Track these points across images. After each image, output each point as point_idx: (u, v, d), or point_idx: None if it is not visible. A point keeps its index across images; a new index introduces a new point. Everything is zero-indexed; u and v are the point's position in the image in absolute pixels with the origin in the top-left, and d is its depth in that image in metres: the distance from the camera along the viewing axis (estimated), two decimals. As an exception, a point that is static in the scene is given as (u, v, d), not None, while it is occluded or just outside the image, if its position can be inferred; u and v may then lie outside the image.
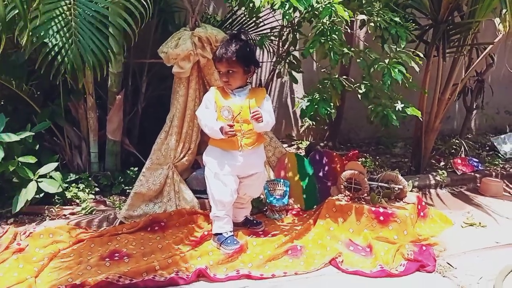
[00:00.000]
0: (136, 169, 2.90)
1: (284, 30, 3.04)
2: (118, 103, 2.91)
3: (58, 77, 2.46)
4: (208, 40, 2.69)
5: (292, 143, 4.04)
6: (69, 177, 2.74)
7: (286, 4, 2.23)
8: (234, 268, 2.08)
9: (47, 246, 2.22)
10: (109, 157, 2.99)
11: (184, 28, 2.77)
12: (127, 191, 2.78)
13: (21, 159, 2.46)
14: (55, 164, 2.58)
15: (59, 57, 2.38)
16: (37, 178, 2.49)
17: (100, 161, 2.99)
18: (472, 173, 3.45)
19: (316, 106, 2.47)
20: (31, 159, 2.46)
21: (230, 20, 3.42)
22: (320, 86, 2.61)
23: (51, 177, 2.56)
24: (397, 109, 2.51)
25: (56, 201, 2.61)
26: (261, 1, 2.25)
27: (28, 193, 2.41)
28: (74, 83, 2.68)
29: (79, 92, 2.84)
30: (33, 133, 2.53)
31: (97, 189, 2.81)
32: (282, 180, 2.78)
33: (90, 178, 2.83)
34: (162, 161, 2.73)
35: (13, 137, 2.41)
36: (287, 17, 2.29)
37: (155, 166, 2.71)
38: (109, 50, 2.50)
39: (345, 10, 2.26)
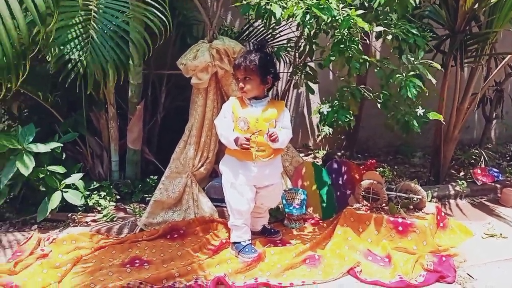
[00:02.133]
0: (155, 177, 2.95)
1: (301, 41, 3.07)
2: (138, 113, 2.98)
3: (81, 88, 2.55)
4: (225, 52, 2.74)
5: (309, 152, 4.06)
6: (92, 185, 2.81)
7: (307, 15, 2.26)
8: (253, 276, 2.10)
9: (69, 252, 2.28)
10: (129, 166, 3.06)
11: (202, 40, 2.83)
12: (147, 199, 2.83)
13: (49, 168, 2.54)
14: (80, 175, 2.66)
15: (80, 69, 2.46)
16: (62, 188, 2.56)
17: (120, 170, 3.06)
18: (493, 184, 3.41)
19: (335, 114, 2.49)
20: (60, 169, 2.55)
21: (247, 32, 3.48)
22: (338, 95, 2.63)
23: (75, 186, 2.63)
24: (418, 114, 2.50)
25: (79, 208, 2.68)
26: (281, 13, 2.29)
27: (53, 203, 2.48)
28: (96, 94, 2.77)
29: (100, 102, 2.93)
30: (61, 144, 2.61)
31: (118, 196, 2.87)
32: (299, 190, 2.79)
33: (111, 186, 2.89)
34: (181, 170, 2.78)
35: (43, 148, 2.49)
36: (308, 27, 2.29)
37: (174, 175, 2.76)
38: (128, 62, 2.58)
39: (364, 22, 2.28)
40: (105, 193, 2.81)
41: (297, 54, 3.11)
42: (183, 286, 2.01)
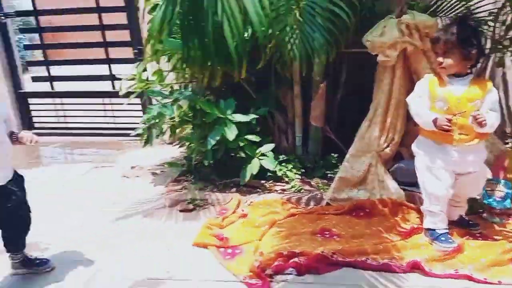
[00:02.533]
0: (336, 155, 3.00)
1: (505, 13, 2.67)
2: (321, 91, 3.04)
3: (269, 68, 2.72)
4: (416, 27, 2.58)
5: (507, 140, 3.57)
6: (279, 157, 3.01)
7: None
8: (452, 267, 1.97)
9: (265, 215, 2.50)
10: (312, 142, 3.18)
11: (389, 16, 2.71)
12: (328, 175, 2.91)
13: (248, 137, 2.81)
14: (272, 145, 2.88)
15: (288, 49, 2.60)
16: (259, 156, 2.82)
17: (303, 145, 3.20)
18: None
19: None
20: (256, 138, 2.81)
21: (435, 6, 3.19)
22: None
23: (267, 156, 2.87)
24: None
25: (269, 177, 2.91)
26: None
27: (253, 168, 2.75)
28: (282, 73, 2.92)
29: (287, 80, 3.08)
30: (257, 116, 2.87)
31: (302, 170, 3.02)
32: (502, 181, 2.48)
33: (296, 160, 3.05)
34: (365, 149, 2.75)
35: (242, 119, 2.78)
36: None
37: (359, 153, 2.75)
38: (328, 43, 2.63)
39: None
40: (291, 166, 2.98)
41: (499, 28, 2.73)
42: (377, 264, 2.01)
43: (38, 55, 10.21)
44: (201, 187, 2.86)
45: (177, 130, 3.24)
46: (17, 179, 1.87)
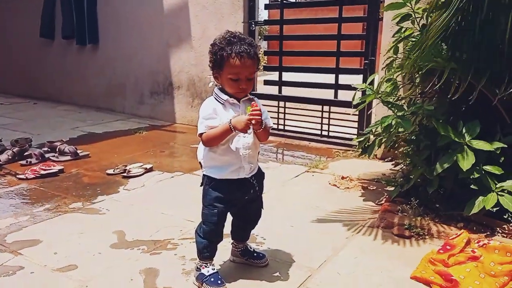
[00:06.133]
0: None
1: None
2: None
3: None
4: None
5: None
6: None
7: None
8: None
9: (504, 264, 2.07)
10: None
11: None
12: None
13: (486, 167, 2.41)
14: (520, 182, 2.38)
15: None
16: (498, 191, 2.37)
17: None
18: None
19: None
20: (497, 170, 2.37)
21: None
22: None
23: (509, 192, 2.39)
24: None
25: (509, 218, 2.42)
26: None
27: (486, 202, 2.33)
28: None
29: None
30: (505, 145, 2.42)
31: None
32: None
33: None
34: None
35: (484, 146, 2.39)
36: None
37: None
38: None
39: None
40: (542, 210, 2.40)
41: None
42: None
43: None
44: (420, 214, 2.59)
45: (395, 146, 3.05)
46: (259, 174, 2.02)
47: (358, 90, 3.11)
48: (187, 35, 5.48)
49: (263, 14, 10.93)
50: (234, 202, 1.98)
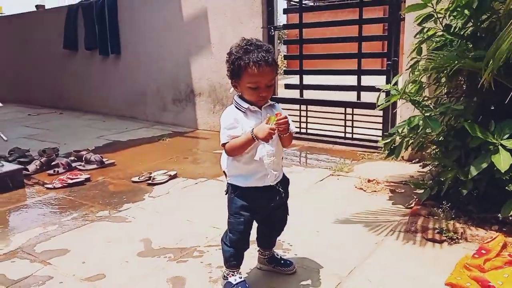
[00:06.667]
0: None
1: None
2: None
3: None
4: None
5: None
6: None
7: None
8: None
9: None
10: None
11: None
12: None
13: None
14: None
15: None
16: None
17: None
18: None
19: None
20: (534, 171, 2.26)
21: None
22: None
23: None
24: None
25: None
26: None
27: (522, 204, 2.23)
28: None
29: None
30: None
31: None
32: None
33: None
34: None
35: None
36: None
37: None
38: None
39: None
40: None
41: None
42: None
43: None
44: (452, 217, 2.50)
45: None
46: (284, 181, 1.99)
47: (383, 91, 3.03)
48: (207, 42, 5.51)
49: (281, 19, 10.92)
50: (259, 210, 1.94)
